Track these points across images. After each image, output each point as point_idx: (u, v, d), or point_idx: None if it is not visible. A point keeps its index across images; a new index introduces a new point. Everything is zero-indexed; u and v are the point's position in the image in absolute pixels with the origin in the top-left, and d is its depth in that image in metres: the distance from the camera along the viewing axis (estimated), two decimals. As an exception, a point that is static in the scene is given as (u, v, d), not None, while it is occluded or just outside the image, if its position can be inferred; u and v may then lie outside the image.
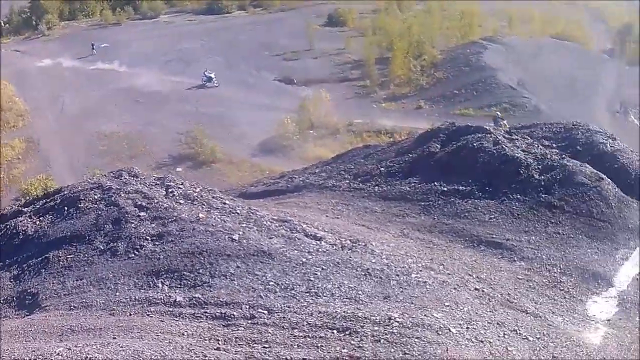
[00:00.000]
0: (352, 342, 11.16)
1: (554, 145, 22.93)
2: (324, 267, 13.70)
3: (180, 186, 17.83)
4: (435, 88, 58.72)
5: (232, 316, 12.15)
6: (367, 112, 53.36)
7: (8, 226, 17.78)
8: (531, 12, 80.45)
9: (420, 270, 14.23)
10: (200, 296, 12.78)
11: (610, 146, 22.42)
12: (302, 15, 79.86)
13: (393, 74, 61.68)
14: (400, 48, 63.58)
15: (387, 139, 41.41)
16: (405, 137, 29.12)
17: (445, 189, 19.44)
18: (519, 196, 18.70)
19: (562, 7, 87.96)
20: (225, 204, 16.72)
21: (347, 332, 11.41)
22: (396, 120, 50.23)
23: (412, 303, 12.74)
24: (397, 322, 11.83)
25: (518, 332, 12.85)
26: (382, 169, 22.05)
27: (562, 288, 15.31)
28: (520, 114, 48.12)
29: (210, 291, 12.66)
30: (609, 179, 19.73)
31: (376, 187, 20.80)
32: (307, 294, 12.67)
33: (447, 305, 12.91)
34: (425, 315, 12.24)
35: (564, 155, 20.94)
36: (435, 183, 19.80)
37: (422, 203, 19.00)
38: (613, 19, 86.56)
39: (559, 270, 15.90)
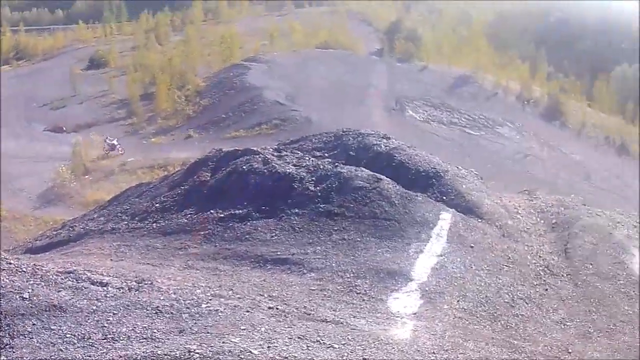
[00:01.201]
0: (158, 382, 10.73)
1: (326, 155, 23.23)
2: (115, 312, 13.24)
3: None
4: (202, 116, 58.58)
5: (37, 373, 11.59)
6: (139, 149, 52.63)
7: None
8: (293, 26, 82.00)
9: (210, 299, 13.99)
10: (4, 359, 12.13)
11: (385, 146, 23.01)
12: (64, 61, 77.80)
13: (159, 108, 61.03)
14: (163, 81, 63.11)
15: (161, 172, 40.96)
16: (177, 170, 28.77)
17: (222, 215, 19.28)
18: (297, 210, 18.77)
19: (325, 17, 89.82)
20: (10, 263, 15.95)
21: (150, 374, 11.02)
22: (168, 153, 49.86)
23: (208, 332, 12.50)
24: (197, 353, 11.53)
25: (321, 342, 12.76)
26: (158, 205, 21.65)
27: (358, 291, 15.36)
28: (292, 128, 48.70)
29: (13, 352, 11.97)
30: (388, 179, 20.22)
31: (154, 224, 20.38)
32: (105, 341, 12.20)
33: (244, 329, 12.73)
34: (223, 343, 12.01)
35: (337, 164, 21.27)
36: (212, 211, 19.61)
37: (202, 232, 18.77)
38: (378, 20, 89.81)
39: (352, 275, 15.95)
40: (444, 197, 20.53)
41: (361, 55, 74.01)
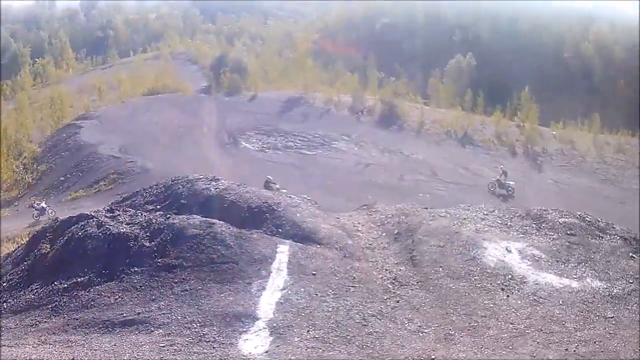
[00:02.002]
0: None
1: (159, 207, 23.06)
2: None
3: None
4: (42, 182, 57.19)
5: None
6: (-19, 227, 51.02)
7: None
8: (119, 78, 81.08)
9: (63, 377, 13.80)
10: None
11: (215, 188, 23.01)
12: None
13: (-1, 181, 59.33)
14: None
15: (11, 246, 39.86)
16: (19, 245, 28.07)
17: (66, 285, 18.91)
18: (136, 269, 18.57)
19: (150, 62, 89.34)
20: None
21: None
22: (15, 225, 48.55)
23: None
24: None
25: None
26: (5, 284, 21.11)
27: (207, 340, 15.33)
28: (130, 180, 48.00)
29: None
30: (221, 221, 20.25)
31: (4, 304, 19.85)
32: None
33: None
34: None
35: (168, 215, 21.16)
36: (56, 283, 19.19)
37: (50, 306, 18.36)
38: (203, 58, 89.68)
39: (198, 325, 15.90)
40: (280, 230, 20.61)
41: (189, 95, 73.76)
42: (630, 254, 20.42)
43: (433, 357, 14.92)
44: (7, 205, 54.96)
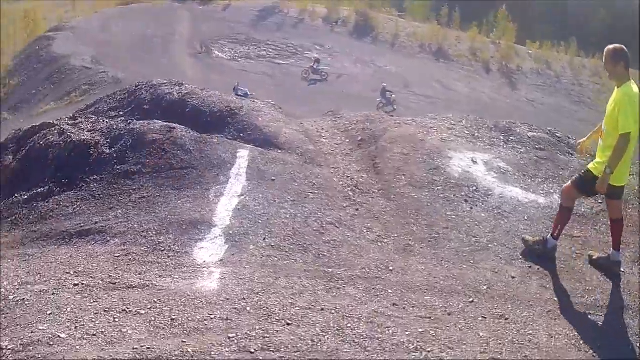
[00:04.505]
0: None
1: (121, 113, 22.75)
2: None
3: None
4: (14, 96, 56.82)
5: None
6: (-47, 142, 50.53)
7: None
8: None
9: (18, 289, 13.49)
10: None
11: (178, 93, 22.62)
12: None
13: (-30, 97, 58.78)
14: (-29, 67, 61.02)
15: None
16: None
17: (27, 196, 18.47)
18: (95, 177, 18.18)
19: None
20: None
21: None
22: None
23: (17, 325, 12.03)
24: (9, 349, 11.15)
25: (128, 310, 12.47)
26: (-34, 200, 20.82)
27: (163, 249, 14.99)
28: (101, 91, 47.53)
29: None
30: (182, 126, 19.90)
31: (-35, 221, 19.59)
32: None
33: (50, 314, 12.32)
34: (32, 333, 11.60)
35: (129, 121, 20.80)
36: (16, 195, 18.78)
37: (10, 219, 17.93)
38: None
39: (154, 233, 15.55)
40: (241, 134, 20.32)
41: (163, 5, 72.89)
42: (600, 174, 20.29)
43: (391, 268, 14.68)
44: (-23, 121, 54.52)
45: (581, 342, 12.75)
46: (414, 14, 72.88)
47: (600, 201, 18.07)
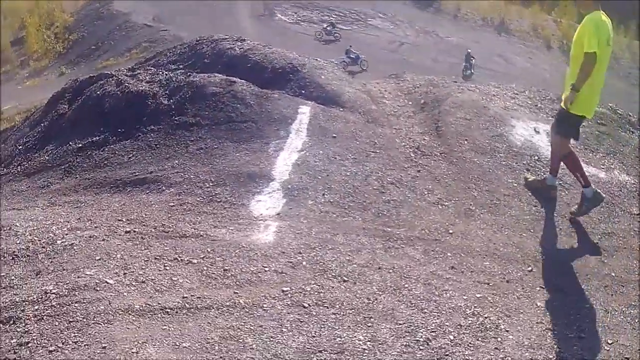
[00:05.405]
0: (18, 329, 10.33)
1: (181, 66, 22.49)
2: (-27, 264, 12.52)
3: None
4: (73, 51, 56.88)
5: None
6: (14, 95, 50.89)
7: None
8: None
9: (67, 234, 13.30)
10: None
11: (239, 48, 22.25)
12: None
13: (30, 51, 59.06)
14: (32, 23, 61.34)
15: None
16: (38, 108, 27.69)
17: (81, 144, 18.29)
18: (152, 127, 17.89)
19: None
20: None
21: (11, 322, 10.53)
22: (43, 94, 48.32)
23: (64, 270, 11.86)
24: (54, 293, 11.05)
25: (179, 259, 12.29)
26: (21, 147, 20.53)
27: (219, 200, 14.71)
28: (162, 48, 47.35)
29: None
30: (242, 80, 19.40)
31: (19, 167, 19.33)
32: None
33: (99, 259, 12.13)
34: (78, 277, 11.44)
35: (189, 73, 20.46)
36: (70, 143, 18.58)
37: (63, 167, 17.80)
38: None
39: (211, 184, 15.27)
40: (303, 91, 19.78)
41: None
42: (661, 152, 19.66)
43: (451, 231, 14.35)
44: (37, 75, 54.81)
45: (636, 321, 12.44)
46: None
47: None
